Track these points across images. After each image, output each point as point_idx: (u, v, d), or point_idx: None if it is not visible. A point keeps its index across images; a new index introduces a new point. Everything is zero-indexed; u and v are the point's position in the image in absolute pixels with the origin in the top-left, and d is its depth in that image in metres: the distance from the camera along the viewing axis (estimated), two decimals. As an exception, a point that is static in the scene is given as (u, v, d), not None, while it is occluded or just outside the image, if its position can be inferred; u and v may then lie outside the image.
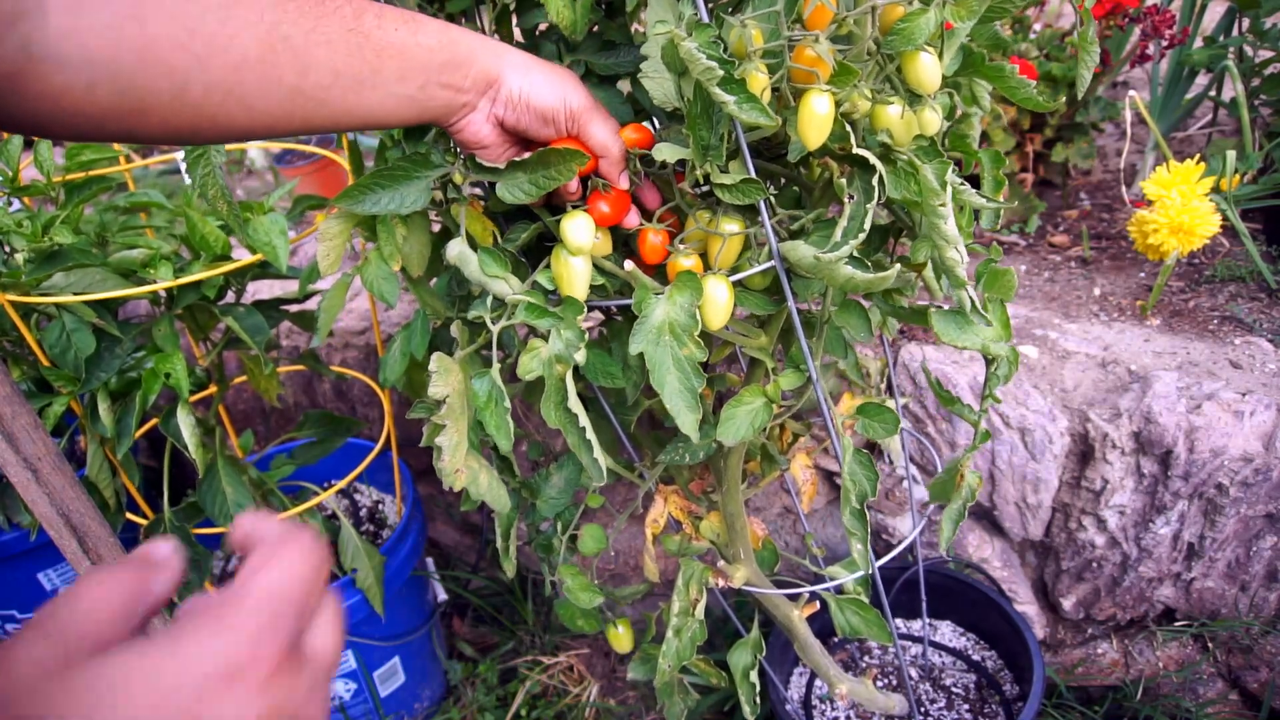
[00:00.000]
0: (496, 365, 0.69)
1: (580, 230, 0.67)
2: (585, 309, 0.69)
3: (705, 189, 0.74)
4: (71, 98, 0.43)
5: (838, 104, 0.60)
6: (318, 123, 0.54)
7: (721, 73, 0.57)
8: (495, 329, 0.69)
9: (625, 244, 0.76)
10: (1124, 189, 1.63)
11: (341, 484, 1.34)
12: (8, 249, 1.10)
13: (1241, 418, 1.08)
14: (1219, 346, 1.20)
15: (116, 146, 1.19)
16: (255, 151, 2.47)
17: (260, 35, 0.48)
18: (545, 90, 0.61)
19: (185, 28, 0.45)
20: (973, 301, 0.69)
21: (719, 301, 0.68)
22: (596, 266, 0.72)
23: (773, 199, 0.67)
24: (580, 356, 0.67)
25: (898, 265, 0.62)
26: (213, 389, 1.27)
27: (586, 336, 0.68)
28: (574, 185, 0.68)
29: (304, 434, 1.41)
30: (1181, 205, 1.19)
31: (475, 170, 0.68)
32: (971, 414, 0.81)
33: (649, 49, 0.65)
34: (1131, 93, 1.53)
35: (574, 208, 0.68)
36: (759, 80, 0.60)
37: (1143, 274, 1.41)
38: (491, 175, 0.67)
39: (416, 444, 1.79)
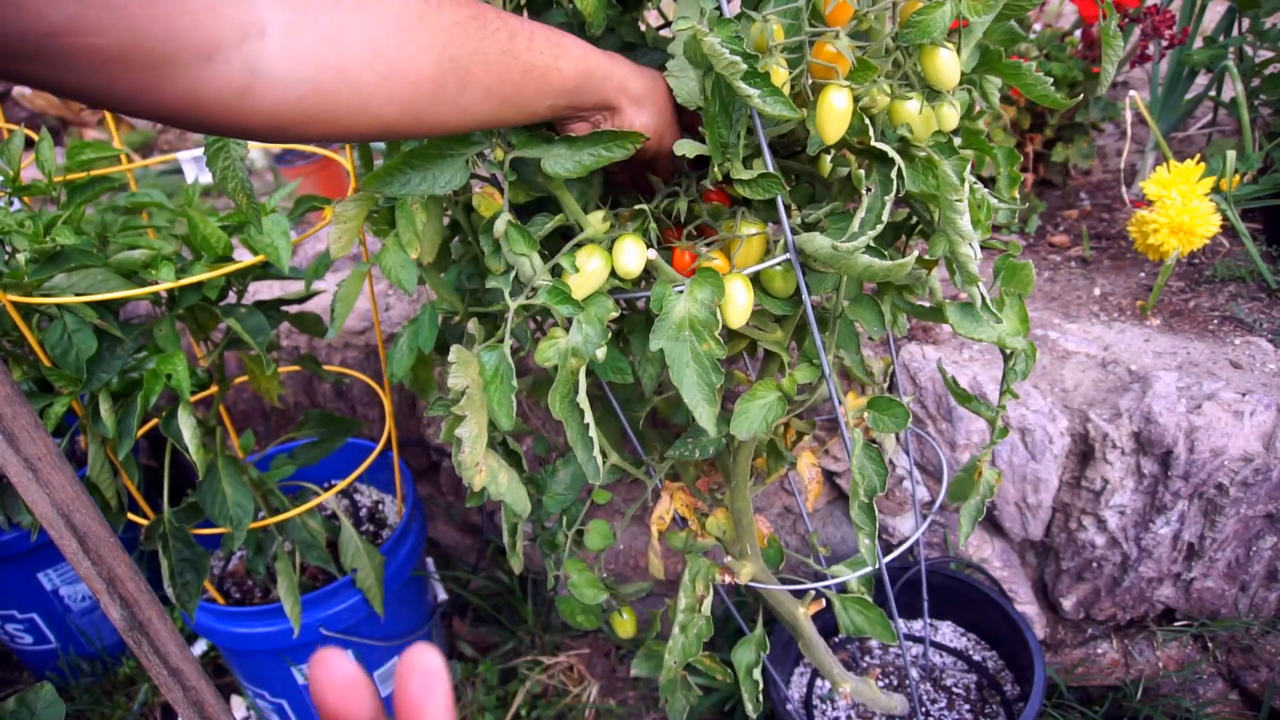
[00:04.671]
0: (508, 341, 0.69)
1: (632, 256, 0.68)
2: (616, 308, 0.69)
3: (718, 189, 0.74)
4: (284, 111, 0.49)
5: (856, 99, 0.61)
6: (460, 130, 0.60)
7: (745, 67, 0.57)
8: (514, 304, 0.69)
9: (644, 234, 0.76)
10: (1124, 189, 1.63)
11: (342, 484, 1.34)
12: (9, 249, 1.10)
13: (1241, 418, 1.08)
14: (1219, 346, 1.21)
15: (118, 146, 1.19)
16: (255, 151, 2.46)
17: (434, 56, 0.54)
18: (646, 133, 0.66)
19: (372, 51, 0.51)
20: (983, 298, 0.69)
21: (739, 300, 0.68)
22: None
23: (787, 195, 0.68)
24: (601, 353, 0.67)
25: (915, 253, 0.62)
26: (214, 389, 1.27)
27: (609, 334, 0.68)
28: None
29: (304, 434, 1.41)
30: (1181, 205, 1.20)
31: (518, 145, 0.67)
32: (989, 411, 0.81)
33: (675, 46, 0.65)
34: (1131, 93, 1.53)
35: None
36: (780, 75, 0.61)
37: (1143, 274, 1.41)
38: (536, 150, 0.66)
39: (417, 444, 1.79)
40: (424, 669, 0.33)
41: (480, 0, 0.57)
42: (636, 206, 0.72)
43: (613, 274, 0.70)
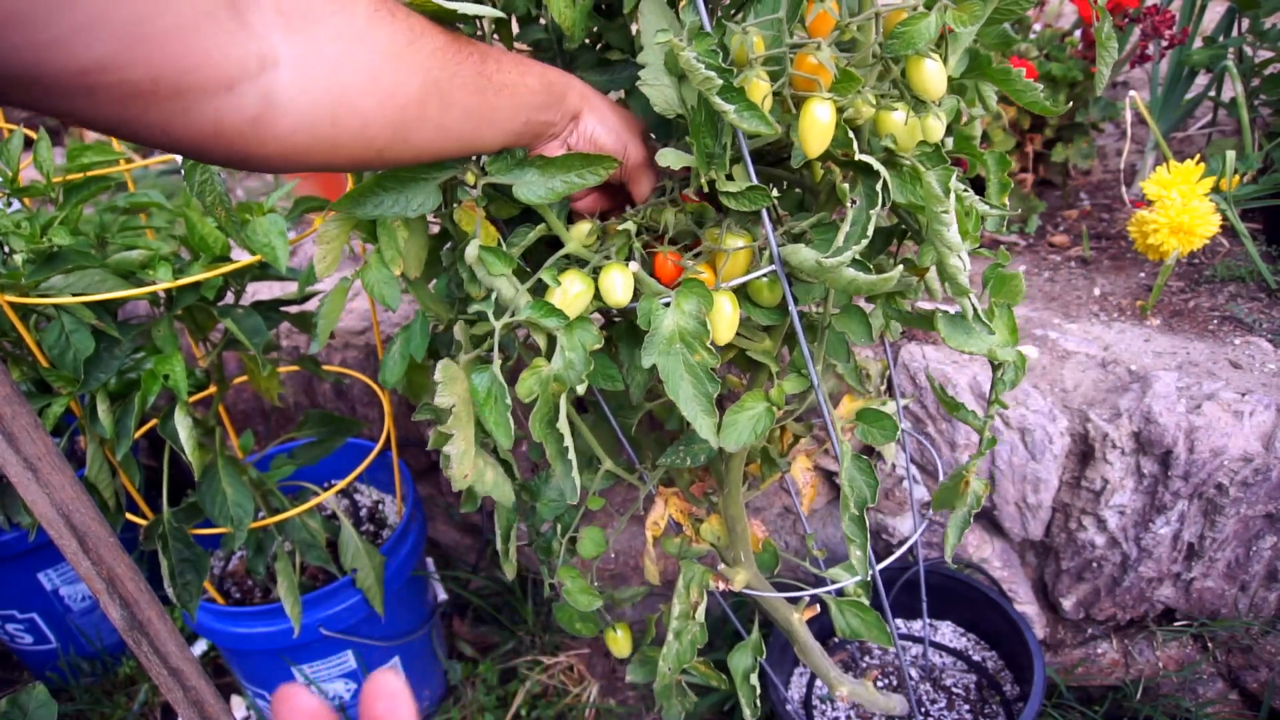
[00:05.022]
0: (497, 360, 0.69)
1: (619, 286, 0.68)
2: (600, 337, 0.69)
3: (702, 198, 0.74)
4: (294, 138, 0.52)
5: (840, 111, 0.60)
6: (446, 153, 0.63)
7: (720, 82, 0.57)
8: (498, 324, 0.69)
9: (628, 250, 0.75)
10: (1124, 189, 1.63)
11: (342, 484, 1.34)
12: (7, 250, 1.10)
13: (1241, 418, 1.08)
14: (1219, 346, 1.20)
15: (116, 146, 1.19)
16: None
17: (420, 80, 0.57)
18: (610, 137, 0.69)
19: (370, 76, 0.54)
20: (975, 310, 0.69)
21: (724, 314, 0.68)
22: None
23: (776, 204, 0.67)
24: (581, 389, 0.67)
25: (899, 267, 0.62)
26: (213, 389, 1.27)
27: (592, 365, 0.68)
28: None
29: (304, 434, 1.41)
30: (1181, 205, 1.19)
31: (491, 171, 0.67)
32: (976, 420, 0.81)
33: (646, 57, 0.64)
34: (1131, 93, 1.53)
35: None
36: (760, 88, 0.60)
37: (1143, 274, 1.41)
38: (508, 175, 0.67)
39: (416, 444, 1.79)
40: (388, 692, 0.35)
41: (450, 31, 0.60)
42: (621, 226, 0.72)
43: (596, 295, 0.70)
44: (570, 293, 0.68)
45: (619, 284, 0.68)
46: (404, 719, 0.35)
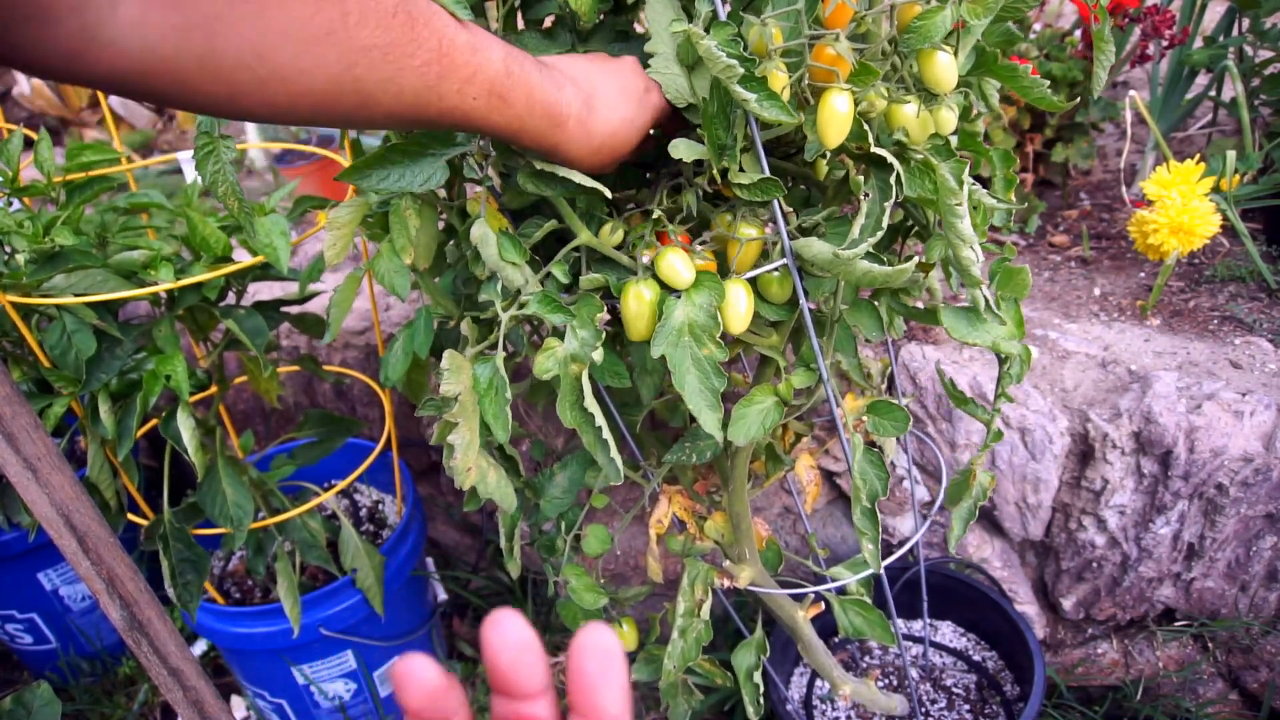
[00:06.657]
0: (501, 353, 0.69)
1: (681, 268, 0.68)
2: (601, 306, 0.68)
3: (712, 190, 0.74)
4: (131, 81, 0.44)
5: (855, 103, 0.60)
6: (352, 127, 0.57)
7: (742, 70, 0.57)
8: (505, 316, 0.69)
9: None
10: (1124, 189, 1.63)
11: (342, 484, 1.34)
12: (8, 250, 1.10)
13: (1241, 418, 1.08)
14: (1219, 346, 1.21)
15: (118, 146, 1.19)
16: (255, 151, 2.46)
17: (333, 75, 0.49)
18: (620, 130, 0.64)
19: (256, 53, 0.46)
20: (987, 301, 0.69)
21: (739, 306, 0.68)
22: (604, 258, 0.72)
23: (782, 198, 0.67)
24: (598, 355, 0.67)
25: (915, 259, 0.62)
26: (213, 389, 1.27)
27: (603, 335, 0.68)
28: None
29: (304, 434, 1.41)
30: (1181, 205, 1.20)
31: (501, 153, 0.67)
32: (984, 413, 0.81)
33: (654, 46, 0.64)
34: (1131, 93, 1.53)
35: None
36: (779, 79, 0.60)
37: (1143, 274, 1.41)
38: (514, 161, 0.66)
39: (417, 444, 1.79)
40: (602, 650, 0.29)
41: (421, 29, 0.52)
42: (654, 218, 0.71)
43: (605, 288, 0.70)
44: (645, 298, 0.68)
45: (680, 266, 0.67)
46: (615, 686, 0.29)
